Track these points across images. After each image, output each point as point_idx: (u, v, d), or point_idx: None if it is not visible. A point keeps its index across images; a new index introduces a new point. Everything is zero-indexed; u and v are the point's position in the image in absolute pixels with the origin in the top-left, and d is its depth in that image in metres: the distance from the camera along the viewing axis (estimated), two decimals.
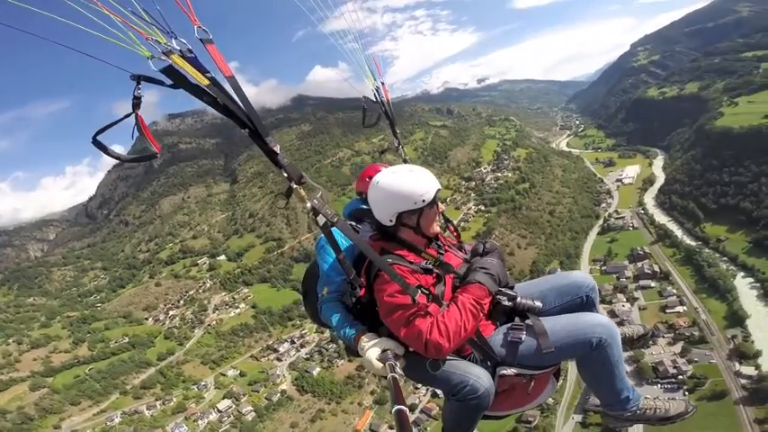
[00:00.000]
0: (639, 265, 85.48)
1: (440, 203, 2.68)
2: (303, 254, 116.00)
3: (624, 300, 77.27)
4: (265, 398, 72.34)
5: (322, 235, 2.74)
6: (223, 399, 73.14)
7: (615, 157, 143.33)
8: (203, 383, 78.33)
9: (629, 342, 3.20)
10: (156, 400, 75.38)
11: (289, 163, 2.16)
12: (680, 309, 69.84)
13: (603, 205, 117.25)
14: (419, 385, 43.42)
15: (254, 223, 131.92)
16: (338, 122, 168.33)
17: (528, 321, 2.62)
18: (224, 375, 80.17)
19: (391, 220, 2.59)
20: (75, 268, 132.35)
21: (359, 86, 3.92)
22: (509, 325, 2.67)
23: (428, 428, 59.58)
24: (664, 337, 64.26)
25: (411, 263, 2.50)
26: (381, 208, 2.60)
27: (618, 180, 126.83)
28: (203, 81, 1.88)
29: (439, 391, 2.87)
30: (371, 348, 2.37)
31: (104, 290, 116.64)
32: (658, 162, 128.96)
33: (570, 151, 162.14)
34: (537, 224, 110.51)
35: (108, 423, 70.43)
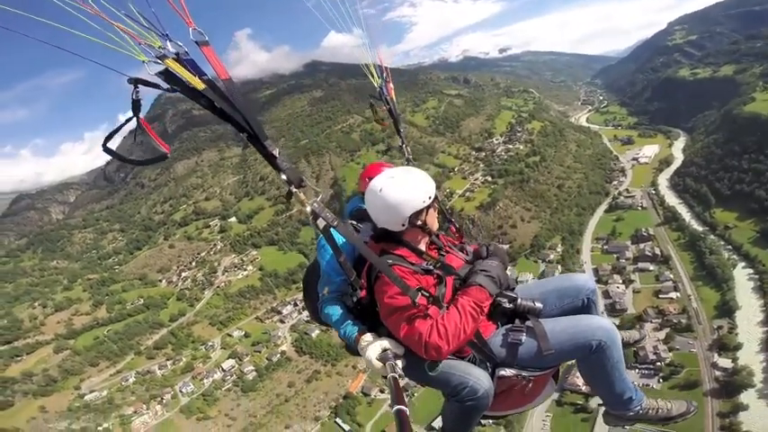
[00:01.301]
0: (642, 246, 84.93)
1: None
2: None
3: (620, 281, 77.65)
4: (266, 358, 77.69)
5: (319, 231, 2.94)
6: (228, 359, 78.88)
7: (635, 136, 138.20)
8: (210, 344, 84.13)
9: (624, 345, 3.18)
10: (168, 360, 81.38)
11: (288, 167, 2.17)
12: (673, 295, 69.93)
13: (615, 183, 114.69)
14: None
15: (264, 186, 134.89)
16: (350, 89, 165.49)
17: (528, 323, 2.66)
18: (230, 336, 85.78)
19: (403, 225, 2.60)
20: (95, 230, 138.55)
21: (370, 53, 3.81)
22: (509, 326, 2.71)
23: (415, 394, 63.01)
24: (652, 322, 64.96)
25: (412, 264, 2.54)
26: (390, 216, 2.59)
27: (634, 159, 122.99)
28: (199, 85, 1.88)
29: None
30: (371, 348, 2.36)
31: (122, 252, 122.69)
32: (679, 143, 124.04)
33: (589, 127, 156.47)
34: (543, 198, 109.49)
35: (123, 383, 76.52)
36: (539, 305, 2.69)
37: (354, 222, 3.04)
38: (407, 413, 1.68)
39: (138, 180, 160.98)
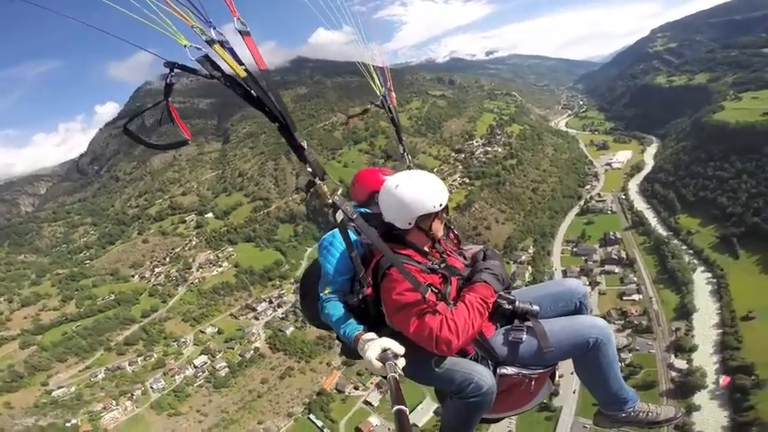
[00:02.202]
0: (609, 249, 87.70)
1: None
2: (289, 215, 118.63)
3: (587, 283, 79.80)
4: (239, 354, 77.36)
5: (326, 236, 2.98)
6: (200, 355, 78.17)
7: (610, 141, 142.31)
8: (183, 340, 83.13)
9: None
10: (138, 356, 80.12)
11: (314, 159, 2.22)
12: (636, 297, 72.59)
13: (588, 187, 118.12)
14: None
15: (242, 182, 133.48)
16: (335, 86, 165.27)
17: (528, 323, 2.76)
18: (203, 333, 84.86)
19: (410, 223, 2.68)
20: (66, 224, 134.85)
21: (364, 51, 3.80)
22: (509, 326, 2.81)
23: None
24: (614, 323, 67.16)
25: (419, 263, 2.62)
26: (400, 212, 2.67)
27: (607, 164, 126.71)
28: (241, 73, 1.90)
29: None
30: (371, 348, 2.34)
31: (94, 246, 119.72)
32: (651, 150, 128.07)
33: (567, 131, 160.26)
34: (518, 200, 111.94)
35: (92, 379, 75.17)
36: (536, 307, 2.80)
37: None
38: (407, 413, 1.68)
39: (112, 173, 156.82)
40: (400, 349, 2.34)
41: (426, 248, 2.80)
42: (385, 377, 2.12)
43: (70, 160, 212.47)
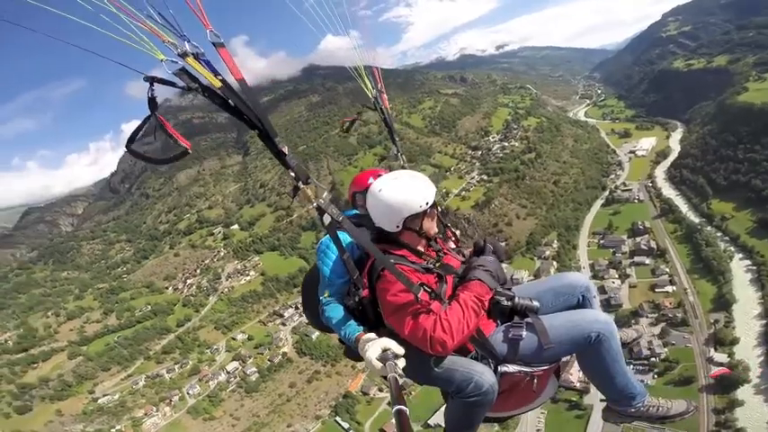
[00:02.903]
0: (638, 240, 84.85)
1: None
2: (311, 222, 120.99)
3: (616, 276, 77.80)
4: (268, 359, 79.55)
5: (323, 239, 2.99)
6: (232, 361, 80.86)
7: (632, 129, 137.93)
8: (215, 347, 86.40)
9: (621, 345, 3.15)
10: (175, 363, 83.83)
11: (296, 164, 2.23)
12: (669, 289, 69.87)
13: (612, 177, 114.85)
14: None
15: (264, 193, 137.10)
16: (346, 92, 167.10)
17: (528, 319, 2.71)
18: (234, 339, 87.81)
19: (398, 226, 2.66)
20: (103, 241, 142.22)
21: (362, 54, 3.86)
22: (509, 323, 2.76)
23: (413, 393, 64.07)
24: (647, 317, 65.06)
25: (413, 263, 2.59)
26: (386, 216, 2.66)
27: (631, 152, 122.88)
28: (216, 83, 1.94)
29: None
30: (372, 348, 2.35)
31: (130, 261, 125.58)
32: (677, 135, 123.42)
33: (587, 121, 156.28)
34: (539, 194, 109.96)
35: (133, 386, 79.16)
36: (536, 303, 2.74)
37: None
38: (407, 413, 1.68)
39: (142, 190, 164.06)
40: (400, 349, 2.34)
41: (421, 248, 2.79)
42: (385, 377, 2.14)
43: (103, 179, 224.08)
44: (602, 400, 3.07)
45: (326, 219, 2.42)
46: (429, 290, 2.45)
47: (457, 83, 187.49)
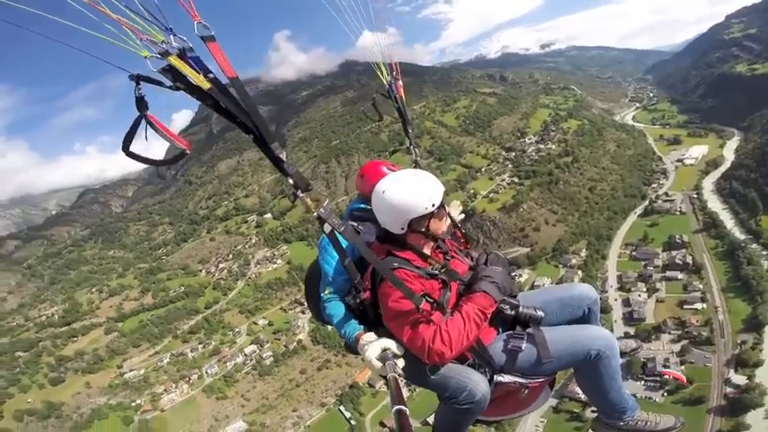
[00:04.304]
0: (673, 254, 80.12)
1: (446, 205, 2.72)
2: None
3: (644, 289, 74.27)
4: (284, 345, 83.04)
5: (324, 235, 2.85)
6: (251, 344, 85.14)
7: (683, 135, 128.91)
8: (237, 330, 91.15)
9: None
10: (199, 343, 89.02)
11: (295, 171, 2.16)
12: (699, 306, 65.94)
13: (654, 186, 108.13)
14: None
15: None
16: (381, 88, 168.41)
17: (529, 330, 2.65)
18: (255, 324, 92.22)
19: (403, 228, 2.60)
20: (148, 223, 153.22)
21: (408, 52, 4.35)
22: (510, 333, 2.69)
23: (417, 390, 64.85)
24: (670, 333, 61.81)
25: (417, 267, 2.53)
26: (390, 218, 2.61)
27: (678, 160, 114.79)
28: (204, 84, 1.79)
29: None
30: (371, 348, 2.35)
31: (170, 243, 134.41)
32: (732, 144, 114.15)
33: (633, 125, 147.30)
34: (572, 200, 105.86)
35: (158, 363, 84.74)
36: (540, 313, 2.66)
37: (355, 224, 2.85)
38: (407, 413, 1.68)
39: (186, 177, 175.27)
40: (400, 350, 2.36)
41: (428, 250, 2.71)
42: (385, 377, 2.15)
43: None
44: (592, 412, 3.17)
45: (327, 228, 2.42)
46: (431, 300, 2.40)
47: (496, 82, 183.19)
